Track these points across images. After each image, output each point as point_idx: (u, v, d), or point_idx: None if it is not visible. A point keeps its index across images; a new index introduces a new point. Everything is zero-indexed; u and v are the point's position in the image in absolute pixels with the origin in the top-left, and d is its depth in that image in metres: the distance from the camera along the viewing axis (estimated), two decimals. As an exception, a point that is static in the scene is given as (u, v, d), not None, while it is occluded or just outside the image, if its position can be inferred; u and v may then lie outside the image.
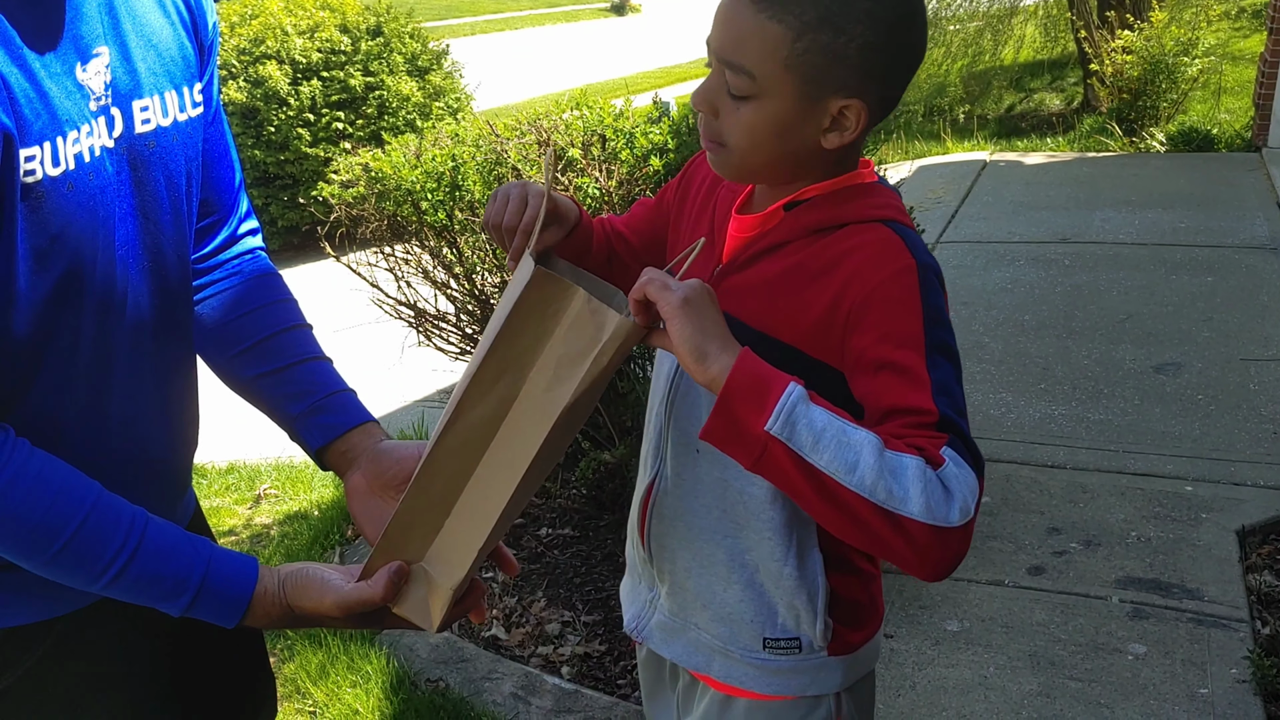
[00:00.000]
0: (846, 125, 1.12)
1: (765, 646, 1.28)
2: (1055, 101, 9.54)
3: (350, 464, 1.29)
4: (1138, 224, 5.94)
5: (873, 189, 1.19)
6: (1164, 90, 7.81)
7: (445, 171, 2.74)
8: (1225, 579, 2.86)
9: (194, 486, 4.13)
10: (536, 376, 1.10)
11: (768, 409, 1.00)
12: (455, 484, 1.13)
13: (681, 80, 14.73)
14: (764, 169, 1.18)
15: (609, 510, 3.32)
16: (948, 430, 1.03)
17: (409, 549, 1.14)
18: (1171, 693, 2.47)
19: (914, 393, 1.04)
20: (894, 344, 1.06)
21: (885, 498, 0.98)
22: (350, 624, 1.14)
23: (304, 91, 7.50)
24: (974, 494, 1.01)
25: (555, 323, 1.09)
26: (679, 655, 1.36)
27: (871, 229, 1.13)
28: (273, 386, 1.33)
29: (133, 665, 1.27)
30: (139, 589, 1.07)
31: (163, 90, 1.17)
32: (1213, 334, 4.43)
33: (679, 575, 1.32)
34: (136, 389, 1.20)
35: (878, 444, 0.99)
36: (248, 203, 1.42)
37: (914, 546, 1.00)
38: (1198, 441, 3.60)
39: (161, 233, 1.19)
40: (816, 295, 1.12)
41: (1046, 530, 3.16)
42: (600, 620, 2.89)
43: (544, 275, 1.09)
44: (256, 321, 1.36)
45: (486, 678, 2.69)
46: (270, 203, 7.76)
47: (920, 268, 1.09)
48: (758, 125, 1.11)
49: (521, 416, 1.10)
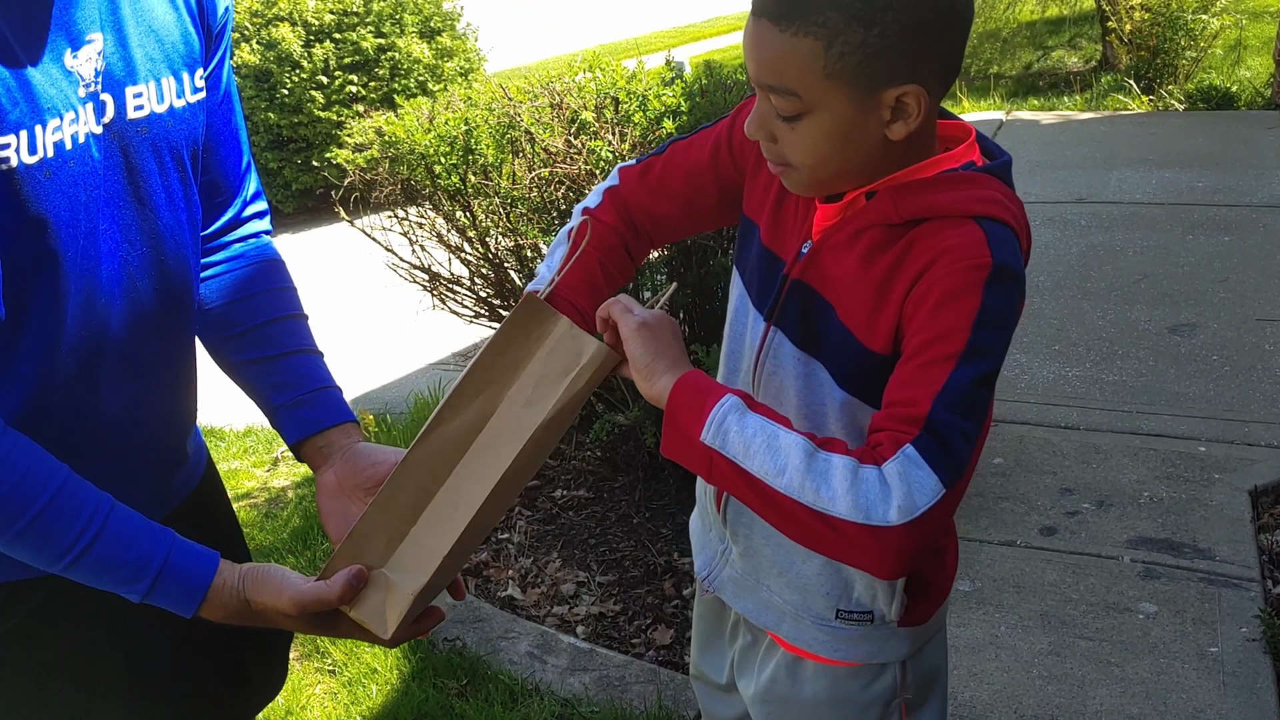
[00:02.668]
0: (908, 112, 1.06)
1: (838, 616, 1.28)
2: (1073, 60, 9.43)
3: (325, 460, 1.31)
4: (1155, 183, 5.89)
5: (973, 179, 1.11)
6: (1183, 48, 7.71)
7: (458, 135, 2.74)
8: (1237, 539, 2.87)
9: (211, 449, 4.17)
10: (515, 395, 1.14)
11: (703, 417, 1.05)
12: (425, 493, 1.14)
13: (695, 40, 14.61)
14: (838, 178, 1.13)
15: (623, 472, 3.35)
16: (928, 430, 1.00)
17: (372, 553, 1.15)
18: (1181, 651, 2.49)
19: (920, 386, 1.03)
20: (934, 336, 1.04)
21: (813, 499, 1.01)
22: (305, 626, 1.15)
23: (316, 53, 7.48)
24: (926, 494, 0.99)
25: (538, 345, 1.14)
26: (749, 611, 1.36)
27: (960, 227, 1.06)
28: (260, 374, 1.35)
29: (126, 625, 1.29)
30: (98, 573, 1.09)
31: (160, 76, 1.17)
32: (1229, 294, 4.41)
33: (756, 542, 1.31)
34: (133, 370, 1.22)
35: (806, 447, 1.02)
36: (256, 185, 1.43)
37: (852, 546, 1.01)
38: (1211, 402, 3.60)
39: (159, 218, 1.20)
40: (895, 294, 1.09)
41: (1059, 491, 3.17)
42: (615, 580, 2.92)
43: (532, 300, 1.14)
44: (252, 307, 1.37)
45: (503, 637, 2.73)
46: (284, 166, 7.77)
47: (995, 268, 1.03)
48: (818, 140, 1.07)
49: (496, 432, 1.13)
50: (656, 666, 2.57)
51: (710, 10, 17.09)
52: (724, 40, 14.43)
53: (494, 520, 1.20)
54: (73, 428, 1.17)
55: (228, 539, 1.50)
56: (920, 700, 1.36)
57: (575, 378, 1.11)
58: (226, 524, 1.52)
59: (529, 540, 3.15)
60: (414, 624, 1.17)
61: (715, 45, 14.01)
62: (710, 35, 15.00)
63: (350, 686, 2.66)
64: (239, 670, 1.47)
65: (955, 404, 1.01)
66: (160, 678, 1.36)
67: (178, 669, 1.37)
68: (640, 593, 2.85)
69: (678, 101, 2.67)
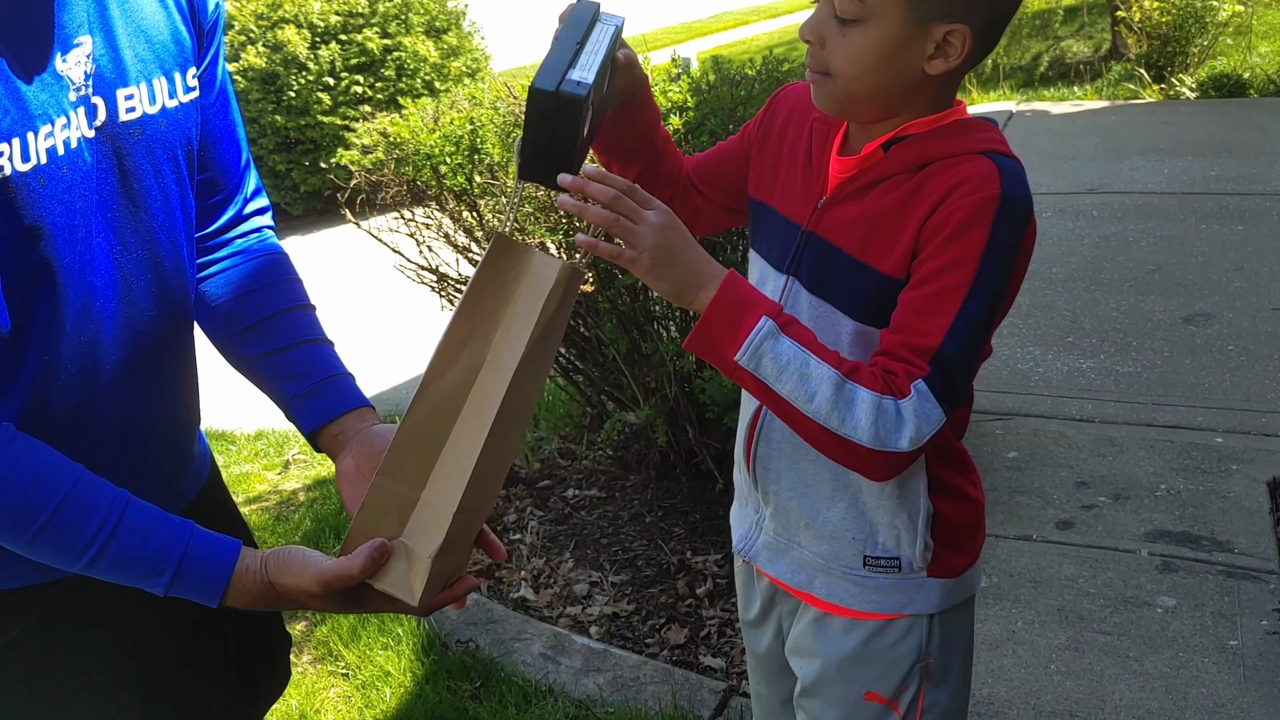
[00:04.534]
0: (951, 51, 1.14)
1: (865, 564, 1.32)
2: (1083, 49, 9.37)
3: (342, 447, 1.30)
4: (1167, 173, 5.85)
5: (975, 124, 1.21)
6: (1194, 35, 7.65)
7: (464, 135, 2.72)
8: (1255, 530, 2.84)
9: (222, 452, 4.16)
10: (499, 338, 1.11)
11: (739, 341, 1.13)
12: (428, 455, 1.12)
13: (702, 35, 14.57)
14: (867, 99, 1.19)
15: (635, 471, 3.33)
16: (936, 364, 1.12)
17: (387, 524, 1.13)
18: (1201, 645, 2.46)
19: (931, 321, 1.12)
20: (944, 265, 1.12)
21: (838, 425, 1.12)
22: (333, 605, 1.13)
23: (323, 55, 7.48)
24: (933, 424, 1.12)
25: (516, 284, 1.11)
26: (782, 573, 1.41)
27: (971, 160, 1.15)
28: (271, 367, 1.34)
29: (132, 632, 1.28)
30: (119, 569, 1.08)
31: (151, 77, 1.16)
32: (1244, 283, 4.37)
33: (783, 496, 1.36)
34: (133, 373, 1.21)
35: (836, 379, 1.11)
36: (256, 182, 1.43)
37: (861, 464, 1.15)
38: (1228, 393, 3.56)
39: (153, 220, 1.19)
40: (911, 222, 1.16)
41: (1075, 484, 3.14)
42: (628, 580, 2.91)
43: (502, 239, 1.12)
44: (259, 301, 1.36)
45: (516, 638, 2.71)
46: (292, 168, 7.77)
47: (1004, 200, 1.11)
48: (865, 50, 1.14)
49: (486, 379, 1.11)
50: (671, 666, 2.56)
51: (716, 7, 17.06)
52: (731, 35, 14.39)
53: (502, 469, 1.18)
54: (74, 434, 1.16)
55: None
56: (942, 672, 1.37)
57: (545, 304, 1.10)
58: (234, 527, 1.51)
59: (541, 541, 3.13)
60: (447, 590, 1.17)
61: (723, 40, 13.97)
62: (717, 30, 14.96)
63: (364, 690, 2.65)
64: (244, 674, 1.47)
65: (962, 338, 1.12)
66: (167, 683, 1.35)
67: (184, 673, 1.37)
68: (654, 592, 2.84)
69: (684, 97, 2.65)
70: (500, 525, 3.27)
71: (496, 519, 3.29)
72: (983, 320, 1.13)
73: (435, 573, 1.11)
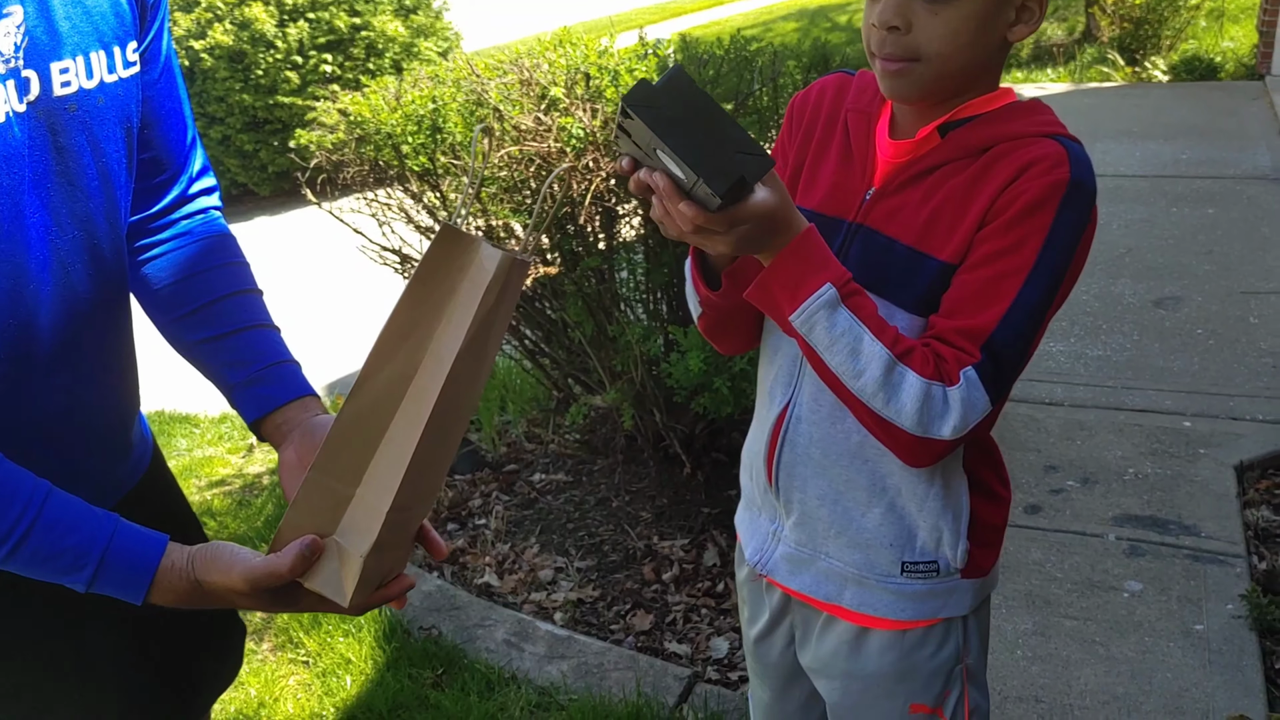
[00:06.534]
0: (1030, 14, 1.13)
1: (903, 571, 1.28)
2: (1057, 31, 9.36)
3: (284, 437, 1.25)
4: (1139, 156, 5.85)
5: (1033, 105, 1.18)
6: (1166, 18, 7.66)
7: (425, 114, 2.67)
8: (1223, 514, 2.84)
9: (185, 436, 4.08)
10: (440, 332, 1.06)
11: (797, 302, 1.10)
12: (365, 450, 1.07)
13: (676, 15, 14.48)
14: (953, 78, 1.14)
15: (602, 455, 3.30)
16: (987, 351, 1.09)
17: (320, 521, 1.08)
18: (1167, 629, 2.46)
19: (987, 306, 1.10)
20: (1005, 247, 1.10)
21: (882, 406, 1.10)
22: (261, 603, 1.09)
23: (291, 33, 7.36)
24: (978, 414, 1.10)
25: (461, 276, 1.06)
26: (806, 586, 1.34)
27: (1039, 143, 1.12)
28: (214, 353, 1.29)
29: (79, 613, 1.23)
30: (38, 563, 1.03)
31: (88, 50, 1.11)
32: (1213, 267, 4.37)
33: (810, 504, 1.30)
34: (69, 357, 1.17)
35: (887, 361, 1.08)
36: (203, 161, 1.37)
37: (899, 447, 1.14)
38: (1196, 376, 3.56)
39: (90, 199, 1.14)
40: (976, 206, 1.13)
41: (1044, 468, 3.13)
42: (593, 566, 2.87)
43: (448, 229, 1.07)
44: (203, 284, 1.31)
45: (480, 625, 2.68)
46: (260, 147, 7.66)
47: (1071, 184, 1.09)
48: (960, 26, 1.10)
49: (425, 372, 1.06)
50: (635, 653, 2.53)
51: (691, -14, 16.96)
52: (705, 16, 14.31)
53: (440, 467, 1.13)
54: (8, 418, 1.12)
55: (180, 530, 1.44)
56: (978, 670, 1.35)
57: (485, 295, 1.05)
58: (176, 515, 1.46)
59: (506, 526, 3.10)
60: (381, 590, 1.12)
61: (696, 21, 13.90)
62: (691, 11, 14.88)
63: (324, 677, 2.61)
64: (189, 658, 1.43)
65: (1017, 326, 1.09)
66: (105, 668, 1.31)
67: (123, 658, 1.32)
68: (619, 578, 2.81)
69: (650, 77, 2.60)
70: (465, 510, 3.23)
71: (461, 503, 3.25)
72: (1039, 308, 1.10)
73: (368, 572, 1.07)
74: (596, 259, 2.65)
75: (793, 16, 12.76)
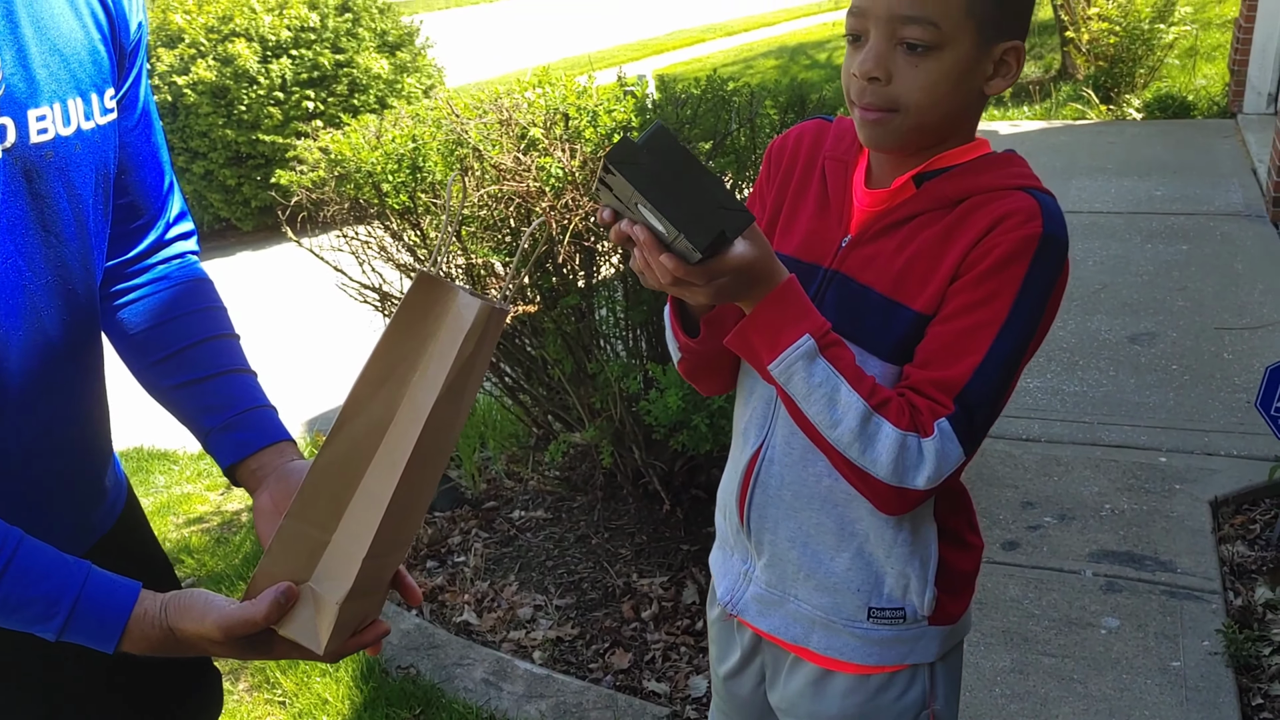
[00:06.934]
0: (1007, 69, 1.15)
1: (869, 616, 1.28)
2: (1034, 69, 9.49)
3: (259, 483, 1.25)
4: (1113, 192, 5.92)
5: (1007, 158, 1.20)
6: (1140, 57, 7.77)
7: (406, 153, 2.69)
8: (1198, 550, 2.86)
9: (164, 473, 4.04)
10: (416, 378, 1.07)
11: (775, 352, 1.11)
12: (340, 497, 1.08)
13: (657, 52, 14.61)
14: (931, 129, 1.16)
15: (582, 492, 3.30)
16: (960, 403, 1.11)
17: (294, 568, 1.08)
18: (1144, 666, 2.46)
19: (960, 358, 1.12)
20: (979, 299, 1.12)
21: (858, 456, 1.12)
22: (236, 651, 1.08)
23: (274, 70, 7.39)
24: (952, 465, 1.12)
25: (438, 324, 1.07)
26: (776, 627, 1.35)
27: (1012, 195, 1.14)
28: (189, 398, 1.29)
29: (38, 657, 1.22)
30: (8, 612, 1.03)
31: (65, 97, 1.11)
32: (1187, 303, 4.42)
33: (780, 546, 1.31)
34: (41, 402, 1.16)
35: (863, 411, 1.10)
36: (181, 205, 1.38)
37: (874, 496, 1.16)
38: (1172, 412, 3.59)
39: (65, 246, 1.14)
40: (949, 257, 1.14)
41: (1020, 505, 3.15)
42: (573, 604, 2.87)
43: (425, 277, 1.07)
44: (178, 329, 1.31)
45: (458, 664, 2.66)
46: (243, 182, 7.67)
47: (1044, 239, 1.11)
48: (939, 78, 1.12)
49: (401, 420, 1.06)
50: (614, 692, 2.52)
51: (674, 24, 17.12)
52: (687, 53, 14.44)
53: (416, 513, 1.13)
54: None
55: (153, 577, 1.43)
56: (946, 716, 1.35)
57: (463, 345, 1.05)
58: (150, 561, 1.45)
59: (486, 563, 3.09)
60: (355, 637, 1.11)
61: (677, 58, 14.02)
62: (672, 48, 15.01)
63: (300, 718, 2.59)
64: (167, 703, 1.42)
65: (990, 378, 1.11)
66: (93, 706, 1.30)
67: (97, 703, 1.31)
68: (598, 615, 2.80)
69: (628, 117, 2.63)
70: (445, 547, 3.22)
71: (441, 540, 3.24)
72: (1012, 360, 1.12)
73: (343, 619, 1.06)
74: (575, 297, 2.66)
75: (772, 54, 12.89)
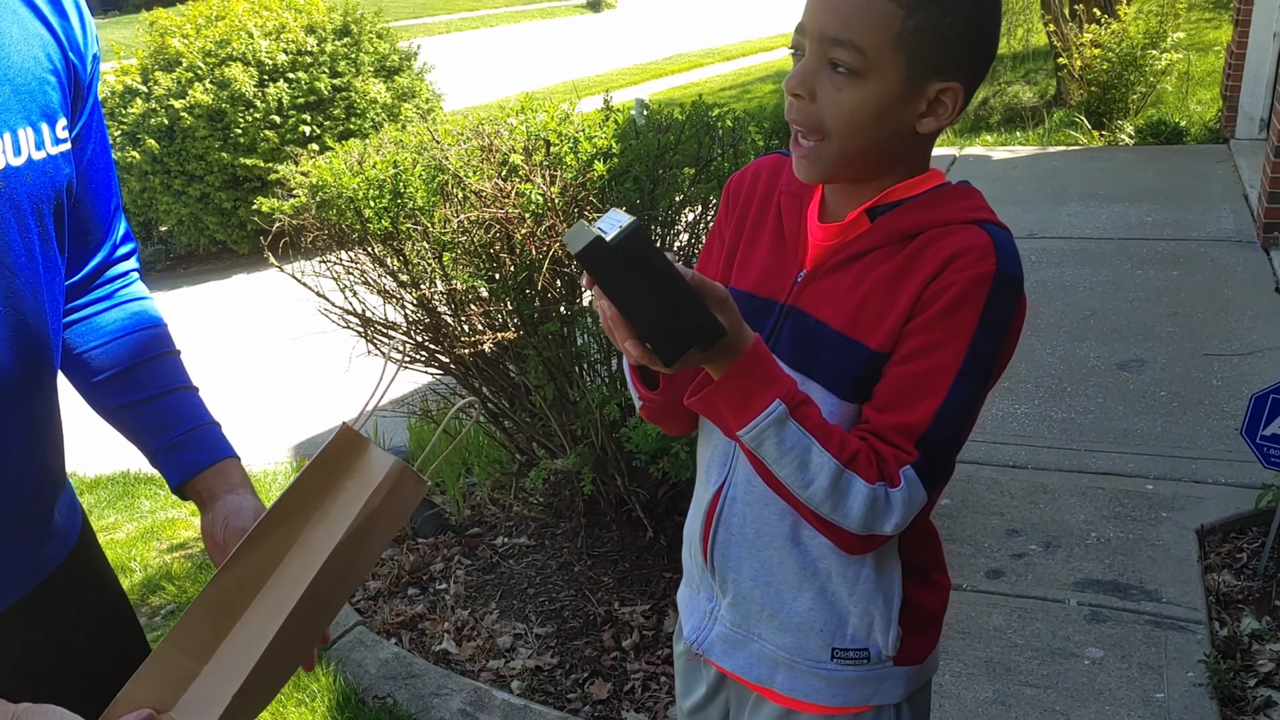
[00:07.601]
0: (943, 110, 1.12)
1: (833, 657, 1.26)
2: (1028, 94, 9.52)
3: (206, 504, 1.27)
4: (1105, 218, 5.92)
5: (960, 190, 1.19)
6: (1133, 83, 7.79)
7: (386, 179, 2.69)
8: (1184, 579, 2.84)
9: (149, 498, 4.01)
10: (316, 521, 1.09)
11: (745, 419, 1.08)
12: (220, 628, 1.08)
13: (657, 77, 14.67)
14: (858, 158, 1.14)
15: (565, 518, 3.28)
16: (923, 448, 1.10)
17: (160, 695, 1.06)
18: (1127, 698, 2.44)
19: (919, 401, 1.10)
20: (935, 341, 1.10)
21: (829, 512, 1.11)
22: None
23: (270, 93, 7.42)
24: (918, 508, 1.12)
25: (346, 475, 1.10)
26: (740, 667, 1.33)
27: (965, 231, 1.12)
28: (136, 417, 1.31)
29: None
30: None
31: (15, 128, 1.11)
32: (1177, 329, 4.41)
33: (744, 585, 1.29)
34: None
35: (834, 470, 1.08)
36: (125, 225, 1.39)
37: (841, 540, 1.16)
38: (1159, 439, 3.58)
39: (15, 275, 1.14)
40: (904, 296, 1.13)
41: (1006, 532, 3.13)
42: (553, 632, 2.84)
43: (347, 430, 1.11)
44: (124, 349, 1.32)
45: (435, 693, 2.64)
46: (239, 205, 7.68)
47: (998, 276, 1.09)
48: (859, 107, 1.09)
49: (295, 561, 1.08)
50: (592, 723, 2.50)
51: (671, 48, 17.21)
52: (684, 78, 14.50)
53: (299, 655, 1.13)
54: None
55: (105, 607, 1.42)
56: None
57: (371, 497, 1.08)
58: (103, 593, 1.43)
59: (467, 591, 3.07)
60: None
61: (676, 82, 14.08)
62: (670, 73, 15.08)
63: (276, 749, 2.56)
64: None
65: (950, 420, 1.11)
66: None
67: None
68: (579, 644, 2.78)
69: (609, 144, 2.63)
70: (426, 574, 3.20)
71: (423, 567, 3.22)
72: (971, 401, 1.12)
73: None
74: (556, 324, 2.65)
75: (769, 79, 12.94)
